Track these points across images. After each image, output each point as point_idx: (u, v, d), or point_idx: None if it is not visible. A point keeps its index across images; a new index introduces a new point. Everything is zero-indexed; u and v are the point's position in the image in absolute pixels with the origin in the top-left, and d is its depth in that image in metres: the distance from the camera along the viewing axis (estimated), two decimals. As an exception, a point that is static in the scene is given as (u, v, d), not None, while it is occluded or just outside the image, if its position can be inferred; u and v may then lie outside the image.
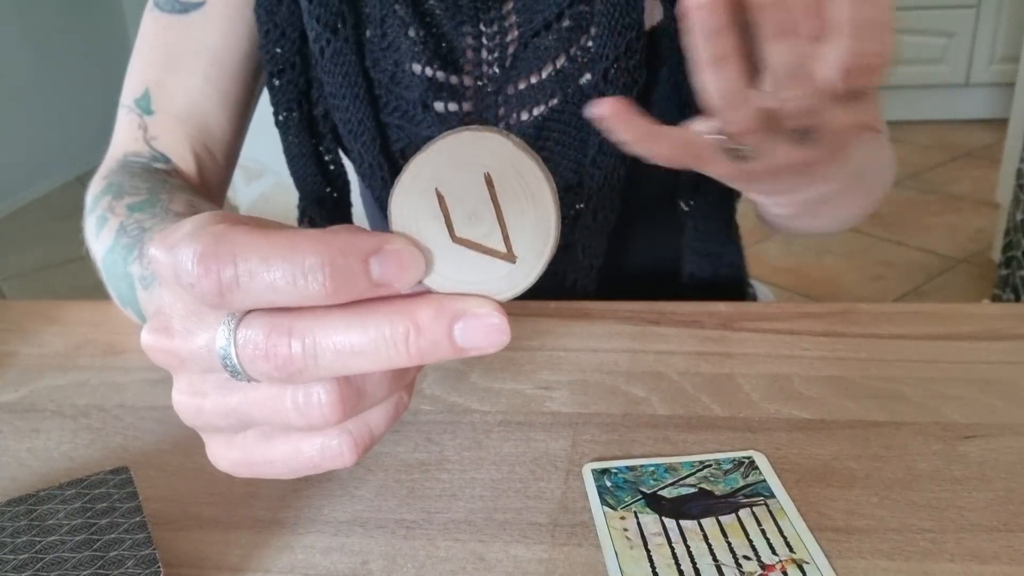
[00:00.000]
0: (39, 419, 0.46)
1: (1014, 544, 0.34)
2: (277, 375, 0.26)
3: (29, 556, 0.34)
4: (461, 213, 0.26)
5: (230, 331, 0.26)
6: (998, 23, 2.96)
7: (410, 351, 0.26)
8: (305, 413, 0.27)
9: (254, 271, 0.25)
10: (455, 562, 0.35)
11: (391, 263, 0.25)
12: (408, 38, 0.57)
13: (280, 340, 0.25)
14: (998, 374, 0.45)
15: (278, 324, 0.26)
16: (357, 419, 0.28)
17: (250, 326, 0.26)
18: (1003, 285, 1.83)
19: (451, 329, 0.26)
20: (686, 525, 0.36)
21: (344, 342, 0.25)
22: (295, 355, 0.25)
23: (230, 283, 0.25)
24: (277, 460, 0.28)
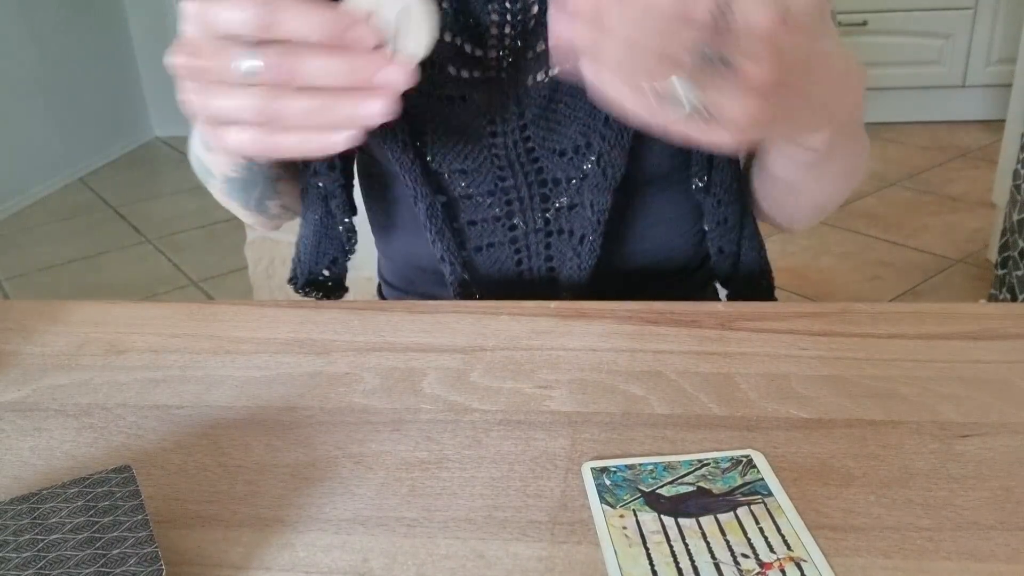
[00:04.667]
0: (42, 418, 0.46)
1: (1011, 542, 0.34)
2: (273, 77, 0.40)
3: (32, 554, 0.34)
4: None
5: (255, 50, 0.39)
6: (995, 25, 2.96)
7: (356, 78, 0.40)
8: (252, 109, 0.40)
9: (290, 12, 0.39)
10: (455, 560, 0.35)
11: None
12: (441, 8, 0.58)
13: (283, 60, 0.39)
14: (995, 373, 0.46)
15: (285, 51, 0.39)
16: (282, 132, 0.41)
17: (268, 48, 0.39)
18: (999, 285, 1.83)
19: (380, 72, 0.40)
20: (684, 523, 0.36)
21: (321, 67, 0.39)
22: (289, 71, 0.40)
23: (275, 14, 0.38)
24: (235, 142, 0.42)
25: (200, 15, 0.40)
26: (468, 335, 0.52)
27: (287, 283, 0.69)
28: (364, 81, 0.40)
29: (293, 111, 0.40)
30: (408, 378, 0.48)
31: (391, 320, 0.54)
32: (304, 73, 0.40)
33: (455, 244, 0.62)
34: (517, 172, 0.61)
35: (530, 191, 0.62)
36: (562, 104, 0.58)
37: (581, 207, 0.61)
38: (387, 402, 0.46)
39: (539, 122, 0.60)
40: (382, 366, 0.49)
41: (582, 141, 0.60)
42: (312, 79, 0.40)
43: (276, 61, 0.40)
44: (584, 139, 0.60)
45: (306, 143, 0.42)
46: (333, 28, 0.40)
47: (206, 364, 0.50)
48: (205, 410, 0.46)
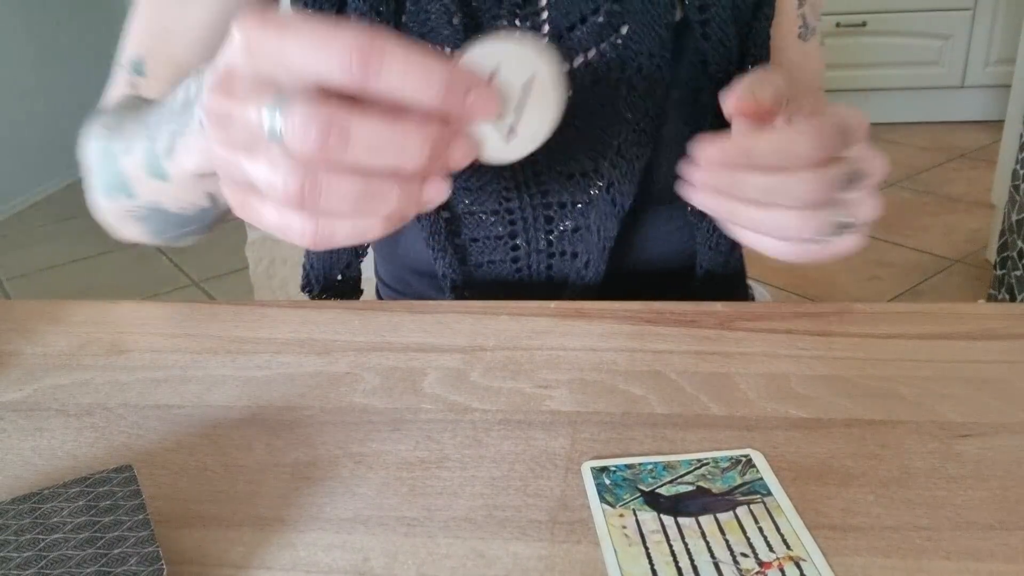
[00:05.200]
0: (43, 418, 0.46)
1: (1009, 542, 0.35)
2: (312, 148, 0.30)
3: (33, 554, 0.35)
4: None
5: (284, 103, 0.31)
6: (993, 25, 2.97)
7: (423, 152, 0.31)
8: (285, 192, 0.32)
9: (397, 57, 0.30)
10: (455, 559, 0.35)
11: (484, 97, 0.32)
12: (451, 26, 0.57)
13: (322, 121, 0.30)
14: (993, 373, 0.46)
15: (322, 109, 0.30)
16: (327, 219, 0.33)
17: (302, 105, 0.30)
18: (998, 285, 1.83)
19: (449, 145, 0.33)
20: (684, 523, 0.36)
21: (375, 135, 0.31)
22: (332, 137, 0.30)
23: (379, 59, 0.30)
24: (265, 219, 0.34)
25: (257, 43, 0.31)
26: (468, 335, 0.52)
27: (301, 291, 0.69)
28: (443, 163, 0.33)
29: (336, 197, 0.32)
30: (408, 378, 0.48)
31: (391, 320, 0.54)
32: (361, 146, 0.31)
33: (456, 260, 0.62)
34: (523, 192, 0.60)
35: (534, 212, 0.61)
36: (572, 127, 0.58)
37: (586, 230, 0.61)
38: (387, 402, 0.46)
39: (548, 143, 0.60)
40: (382, 366, 0.49)
41: (590, 166, 0.59)
42: (370, 155, 0.31)
43: (319, 126, 0.30)
44: (592, 164, 0.59)
45: (357, 233, 0.34)
46: (451, 88, 0.31)
47: (207, 364, 0.50)
48: (206, 410, 0.46)
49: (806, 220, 0.42)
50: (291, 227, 0.33)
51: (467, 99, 0.31)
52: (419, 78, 0.30)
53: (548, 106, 0.35)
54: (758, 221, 0.43)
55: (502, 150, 0.35)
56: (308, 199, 0.31)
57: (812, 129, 0.42)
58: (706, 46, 0.58)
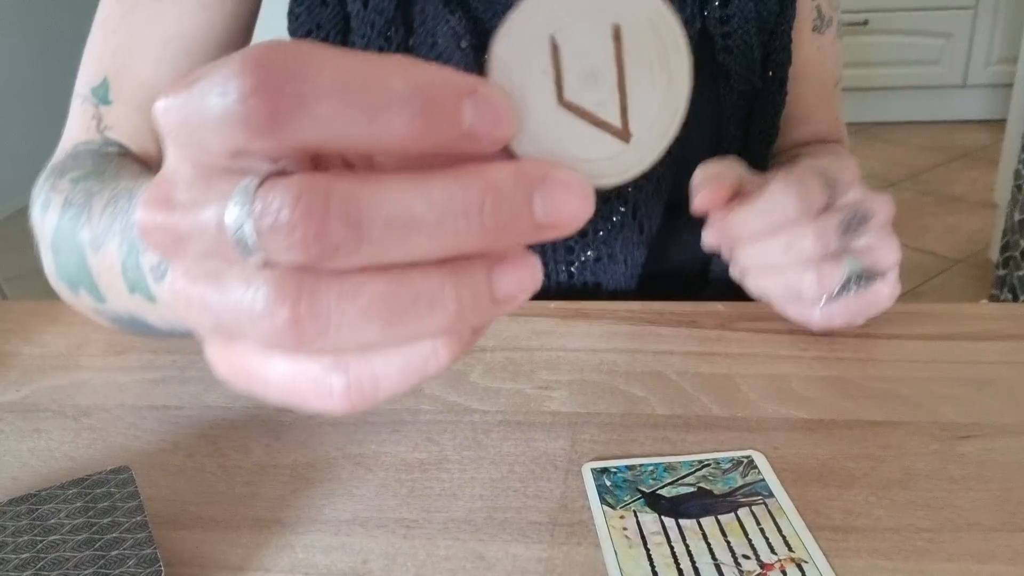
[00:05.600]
0: (40, 419, 0.46)
1: (1011, 544, 0.34)
2: (304, 253, 0.19)
3: (31, 555, 0.34)
4: (576, 71, 0.21)
5: (247, 196, 0.20)
6: (995, 24, 2.96)
7: (484, 223, 0.20)
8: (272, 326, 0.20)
9: (325, 90, 0.19)
10: (455, 561, 0.35)
11: (487, 110, 0.20)
12: (460, 49, 0.55)
13: (314, 206, 0.19)
14: (995, 374, 0.46)
15: (312, 184, 0.19)
16: (361, 359, 0.22)
17: (275, 188, 0.19)
18: (1000, 285, 1.83)
19: (531, 197, 0.20)
20: (685, 524, 0.36)
21: (400, 210, 0.19)
22: (332, 225, 0.19)
23: (292, 102, 0.19)
24: (272, 381, 0.23)
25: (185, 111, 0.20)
26: (468, 335, 0.52)
27: None
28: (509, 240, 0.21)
29: (354, 317, 0.20)
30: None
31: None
32: (381, 227, 0.20)
33: None
34: None
35: (553, 244, 0.59)
36: None
37: (610, 259, 0.59)
38: (386, 403, 0.45)
39: None
40: (382, 367, 0.49)
41: (613, 190, 0.57)
42: (399, 239, 0.20)
43: (307, 207, 0.19)
44: (615, 188, 0.58)
45: (411, 371, 0.22)
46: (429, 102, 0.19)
47: (204, 365, 0.50)
48: (204, 411, 0.46)
49: (817, 276, 0.43)
50: (309, 386, 0.22)
51: (462, 115, 0.20)
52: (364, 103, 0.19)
53: (671, 68, 0.21)
54: (772, 288, 0.44)
55: (613, 166, 0.22)
56: (310, 330, 0.20)
57: (791, 181, 0.42)
58: (728, 58, 0.57)
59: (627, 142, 0.21)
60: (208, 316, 0.22)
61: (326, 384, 0.22)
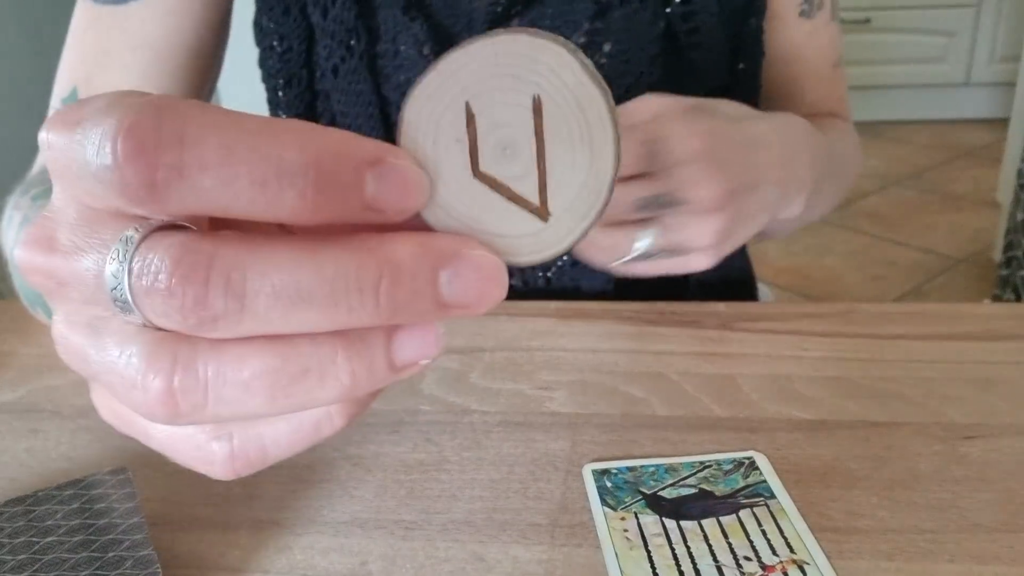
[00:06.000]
0: (38, 419, 0.46)
1: (1015, 545, 0.34)
2: (182, 320, 0.18)
3: (28, 556, 0.34)
4: (493, 141, 0.20)
5: (127, 251, 0.18)
6: (998, 22, 2.96)
7: (380, 303, 0.18)
8: (144, 399, 0.19)
9: (208, 159, 0.17)
10: (454, 563, 0.35)
11: (392, 180, 0.19)
12: (423, 56, 0.55)
13: (194, 271, 0.18)
14: (999, 374, 0.45)
15: (195, 248, 0.18)
16: (247, 425, 0.21)
17: (155, 247, 0.18)
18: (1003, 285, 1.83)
19: (437, 275, 0.19)
20: (686, 526, 0.36)
21: (288, 282, 0.18)
22: (212, 294, 0.18)
23: (170, 172, 0.17)
24: (154, 438, 0.22)
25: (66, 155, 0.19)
26: (467, 336, 0.52)
27: None
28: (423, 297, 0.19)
29: (233, 388, 0.19)
30: (407, 379, 0.47)
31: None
32: (268, 296, 0.18)
33: None
34: None
35: None
36: None
37: (588, 265, 0.60)
38: (386, 403, 0.45)
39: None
40: (381, 367, 0.49)
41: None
42: (285, 310, 0.18)
43: (187, 270, 0.18)
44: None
45: (300, 437, 0.22)
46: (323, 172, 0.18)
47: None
48: (203, 411, 0.46)
49: (606, 241, 0.41)
50: (190, 451, 0.22)
51: (363, 187, 0.18)
52: (252, 173, 0.17)
53: (594, 145, 0.20)
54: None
55: (530, 244, 0.21)
56: (184, 404, 0.19)
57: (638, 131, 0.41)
58: (694, 54, 0.57)
59: (545, 221, 0.20)
60: (86, 368, 0.21)
61: (208, 451, 0.21)
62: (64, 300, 0.21)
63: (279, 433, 0.21)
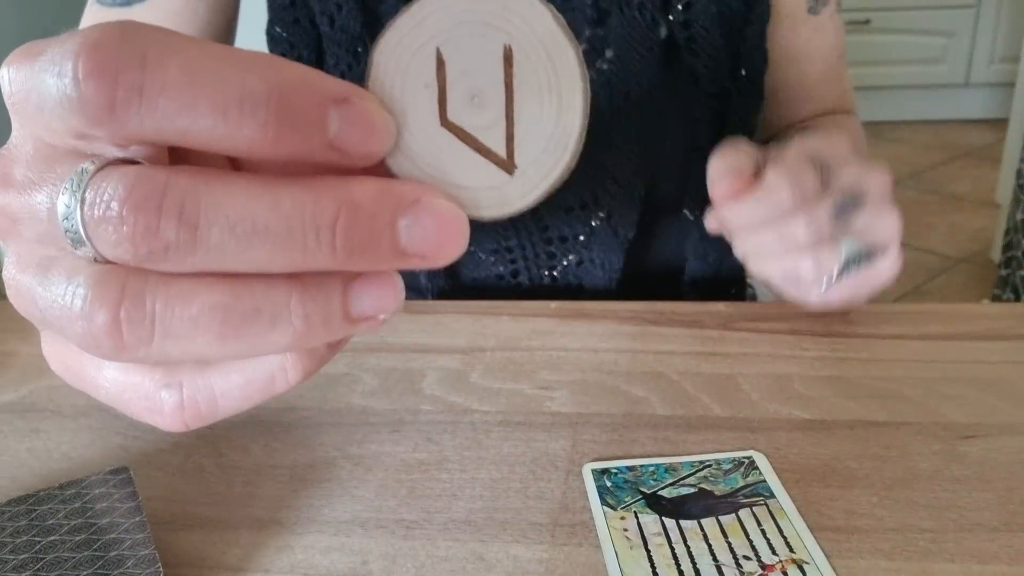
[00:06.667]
0: (39, 419, 0.46)
1: (1014, 544, 0.34)
2: (132, 251, 0.18)
3: (29, 556, 0.34)
4: (462, 90, 0.19)
5: (81, 182, 0.18)
6: (998, 23, 2.96)
7: (336, 243, 0.18)
8: (88, 329, 0.18)
9: (170, 81, 0.17)
10: (455, 562, 0.35)
11: (357, 120, 0.18)
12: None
13: (147, 200, 0.17)
14: (998, 374, 0.45)
15: (149, 177, 0.18)
16: (197, 374, 0.21)
17: (109, 177, 0.18)
18: (1003, 285, 1.83)
19: (396, 220, 0.18)
20: (686, 525, 0.36)
21: (243, 215, 0.17)
22: (164, 223, 0.17)
23: (130, 92, 0.17)
24: (102, 388, 0.22)
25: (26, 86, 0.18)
26: (468, 335, 0.52)
27: None
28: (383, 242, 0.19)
29: (182, 323, 0.18)
30: (407, 379, 0.47)
31: (390, 320, 0.54)
32: (221, 230, 0.18)
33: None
34: (520, 230, 0.59)
35: (535, 249, 0.60)
36: None
37: (590, 263, 0.60)
38: (386, 403, 0.45)
39: None
40: (381, 367, 0.49)
41: (589, 196, 0.58)
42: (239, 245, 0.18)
43: (140, 199, 0.18)
44: (591, 194, 0.58)
45: (253, 389, 0.21)
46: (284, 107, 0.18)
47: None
48: (204, 411, 0.46)
49: (814, 261, 0.43)
50: (139, 400, 0.21)
51: (326, 124, 0.18)
52: (212, 98, 0.17)
53: (563, 98, 0.19)
54: (771, 272, 0.44)
55: (494, 197, 0.20)
56: (130, 336, 0.18)
57: (782, 172, 0.42)
58: (694, 62, 0.57)
59: (511, 174, 0.20)
60: (34, 309, 0.20)
61: (156, 399, 0.21)
62: (17, 239, 0.20)
63: (230, 384, 0.21)
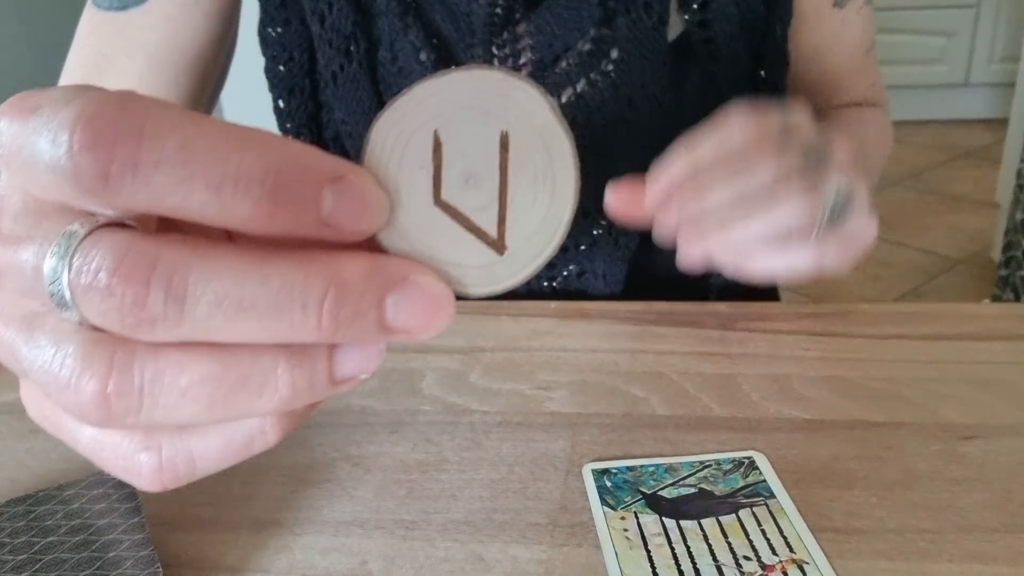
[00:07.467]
0: (38, 419, 0.46)
1: (1013, 545, 0.34)
2: (120, 321, 0.18)
3: (28, 556, 0.34)
4: (457, 171, 0.20)
5: (70, 246, 0.18)
6: (997, 23, 2.96)
7: (323, 320, 0.18)
8: (76, 400, 0.18)
9: (166, 156, 0.17)
10: (454, 562, 0.35)
11: (351, 198, 0.18)
12: (420, 63, 0.55)
13: (136, 271, 0.17)
14: (998, 374, 0.45)
15: (139, 248, 0.18)
16: (176, 437, 0.20)
17: (98, 244, 0.18)
18: (1003, 285, 1.83)
19: (383, 298, 0.19)
20: (686, 525, 0.36)
21: (231, 291, 0.18)
22: (152, 296, 0.17)
23: (126, 166, 0.17)
24: (80, 443, 0.22)
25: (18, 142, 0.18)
26: (467, 336, 0.52)
27: None
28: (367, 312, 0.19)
29: (172, 396, 0.19)
30: (407, 379, 0.47)
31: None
32: (210, 302, 0.18)
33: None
34: None
35: None
36: None
37: (592, 274, 0.59)
38: (385, 403, 0.45)
39: None
40: (380, 367, 0.49)
41: (592, 205, 0.57)
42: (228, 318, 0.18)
43: (130, 271, 0.18)
44: (593, 203, 0.57)
45: (232, 451, 0.21)
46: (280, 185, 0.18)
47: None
48: (203, 411, 0.46)
49: (796, 199, 0.38)
50: (117, 460, 0.21)
51: (320, 203, 0.18)
52: (208, 175, 0.17)
53: (556, 185, 0.20)
54: (757, 236, 0.39)
55: (483, 276, 0.21)
56: (118, 409, 0.18)
57: (744, 114, 0.39)
58: (713, 64, 0.56)
59: (500, 254, 0.20)
60: (16, 364, 0.20)
61: (135, 461, 0.21)
62: (1, 289, 0.20)
63: (209, 447, 0.21)
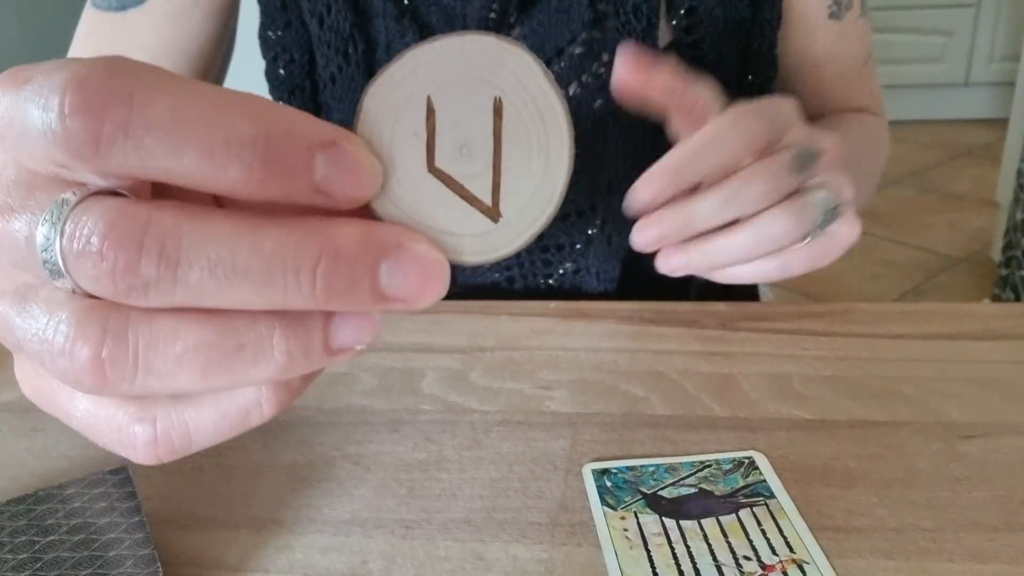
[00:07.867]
0: (38, 418, 0.46)
1: (1014, 543, 0.34)
2: (112, 286, 0.18)
3: (28, 556, 0.34)
4: (451, 139, 0.20)
5: (62, 213, 0.18)
6: (997, 22, 2.96)
7: (316, 286, 0.18)
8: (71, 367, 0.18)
9: (156, 120, 0.17)
10: (454, 561, 0.35)
11: (343, 164, 0.18)
12: None
13: (128, 236, 0.17)
14: (998, 373, 0.45)
15: (131, 213, 0.18)
16: (171, 408, 0.21)
17: (90, 210, 0.18)
18: (1003, 284, 1.83)
19: (377, 265, 0.19)
20: (686, 525, 0.36)
21: (224, 255, 0.17)
22: (144, 260, 0.17)
23: (116, 129, 0.17)
24: (75, 417, 0.22)
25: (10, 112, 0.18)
26: (467, 335, 0.52)
27: None
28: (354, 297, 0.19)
29: (166, 360, 0.19)
30: (407, 378, 0.47)
31: (389, 320, 0.54)
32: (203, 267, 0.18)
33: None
34: None
35: (531, 256, 0.60)
36: None
37: (587, 272, 0.60)
38: (386, 402, 0.45)
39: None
40: (380, 366, 0.49)
41: (586, 204, 0.57)
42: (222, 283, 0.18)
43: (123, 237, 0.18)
44: (588, 202, 0.57)
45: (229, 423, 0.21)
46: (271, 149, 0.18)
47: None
48: (203, 410, 0.46)
49: (787, 216, 0.38)
50: (112, 432, 0.21)
51: (312, 168, 0.18)
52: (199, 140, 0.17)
53: (550, 153, 0.20)
54: (738, 246, 0.38)
55: (477, 244, 0.20)
56: (112, 375, 0.18)
57: (734, 115, 0.38)
58: (701, 69, 0.56)
59: (495, 222, 0.20)
60: (11, 336, 0.20)
61: (129, 433, 0.21)
62: None
63: (204, 419, 0.21)
